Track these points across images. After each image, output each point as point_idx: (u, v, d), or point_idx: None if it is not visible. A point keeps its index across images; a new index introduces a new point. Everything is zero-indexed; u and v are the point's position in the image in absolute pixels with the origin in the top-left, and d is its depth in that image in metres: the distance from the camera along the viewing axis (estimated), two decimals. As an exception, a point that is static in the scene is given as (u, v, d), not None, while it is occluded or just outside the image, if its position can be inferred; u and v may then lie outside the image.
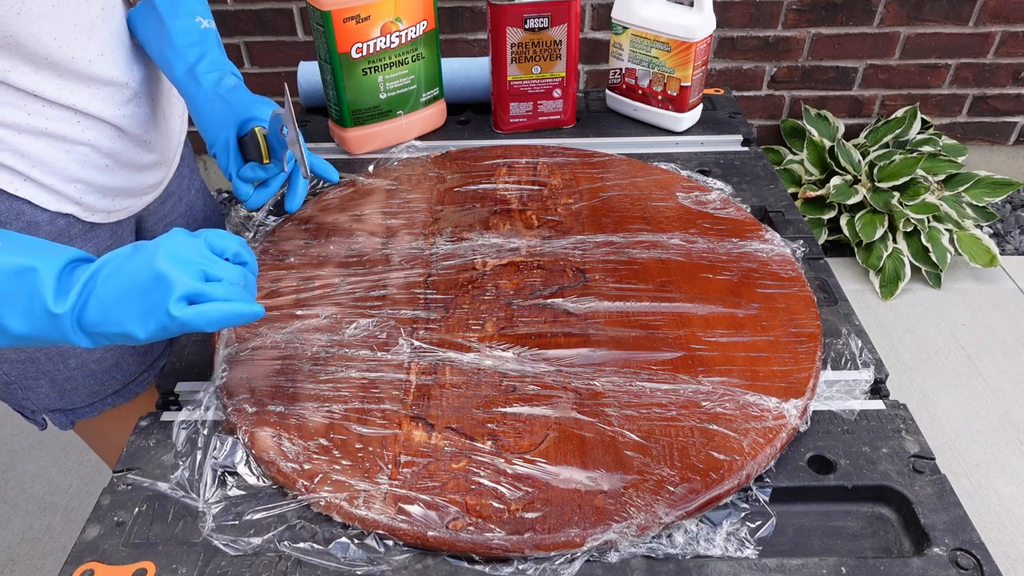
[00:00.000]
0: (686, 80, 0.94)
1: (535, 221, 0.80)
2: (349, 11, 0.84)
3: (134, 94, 0.70)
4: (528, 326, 0.66)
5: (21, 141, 0.62)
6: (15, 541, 1.37)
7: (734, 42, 1.94)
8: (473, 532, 0.50)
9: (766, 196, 0.86)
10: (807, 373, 0.61)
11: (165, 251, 0.50)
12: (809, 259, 0.75)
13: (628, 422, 0.57)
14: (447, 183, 0.86)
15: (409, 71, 0.92)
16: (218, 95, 0.68)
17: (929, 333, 1.74)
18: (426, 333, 0.65)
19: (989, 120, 2.08)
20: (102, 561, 0.50)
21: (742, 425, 0.56)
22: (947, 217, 1.83)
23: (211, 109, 0.68)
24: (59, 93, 0.63)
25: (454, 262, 0.74)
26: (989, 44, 1.95)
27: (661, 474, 0.53)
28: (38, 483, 1.47)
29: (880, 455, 0.56)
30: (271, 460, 0.55)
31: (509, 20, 0.91)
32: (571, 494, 0.52)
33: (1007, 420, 1.54)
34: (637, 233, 0.77)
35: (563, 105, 0.99)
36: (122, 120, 0.69)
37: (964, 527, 0.51)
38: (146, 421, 0.60)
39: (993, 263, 1.80)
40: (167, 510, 0.53)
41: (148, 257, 0.50)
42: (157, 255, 0.50)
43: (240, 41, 1.97)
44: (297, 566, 0.50)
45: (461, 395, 0.60)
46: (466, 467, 0.54)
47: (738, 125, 1.00)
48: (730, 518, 0.52)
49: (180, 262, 0.50)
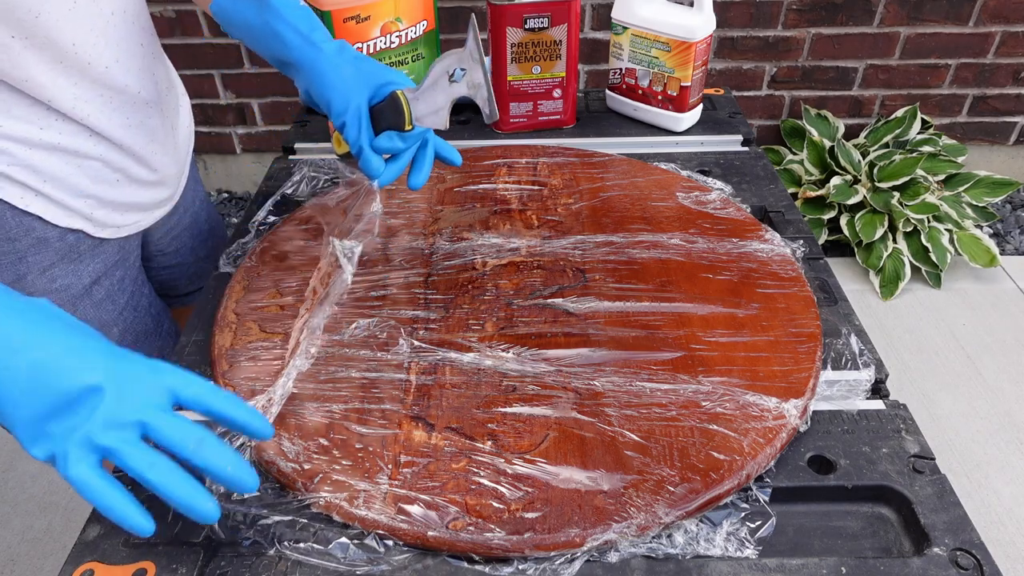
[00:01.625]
0: (686, 80, 0.94)
1: (535, 221, 0.80)
2: (349, 11, 0.84)
3: (145, 103, 0.69)
4: (528, 326, 0.66)
5: (33, 156, 0.62)
6: (15, 541, 1.37)
7: (734, 42, 1.94)
8: (473, 532, 0.50)
9: (766, 196, 0.86)
10: (807, 373, 0.61)
11: (111, 385, 0.41)
12: (809, 259, 0.75)
13: (628, 422, 0.57)
14: (447, 183, 0.86)
15: (409, 71, 0.92)
16: (345, 60, 0.63)
17: (929, 333, 1.74)
18: (426, 333, 0.65)
19: (989, 120, 2.08)
20: (102, 561, 0.50)
21: (742, 425, 0.56)
22: (947, 217, 1.83)
23: (338, 74, 0.62)
24: (74, 103, 0.62)
25: (454, 262, 0.74)
26: (989, 44, 1.95)
27: (661, 474, 0.53)
28: (38, 483, 1.47)
29: (880, 455, 0.56)
30: (271, 460, 0.55)
31: (509, 20, 0.91)
32: (571, 494, 0.52)
33: (1007, 420, 1.54)
34: (637, 233, 0.77)
35: (563, 105, 0.99)
36: (133, 132, 0.68)
37: (964, 527, 0.51)
38: (146, 421, 0.60)
39: (993, 263, 1.80)
40: (167, 510, 0.53)
41: (83, 371, 0.42)
42: (94, 374, 0.41)
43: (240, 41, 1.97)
44: (297, 566, 0.50)
45: (461, 395, 0.60)
46: (466, 467, 0.54)
47: (738, 125, 1.00)
48: (730, 518, 0.52)
49: (116, 409, 0.41)
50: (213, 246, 0.91)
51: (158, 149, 0.73)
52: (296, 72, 0.65)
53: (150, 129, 0.71)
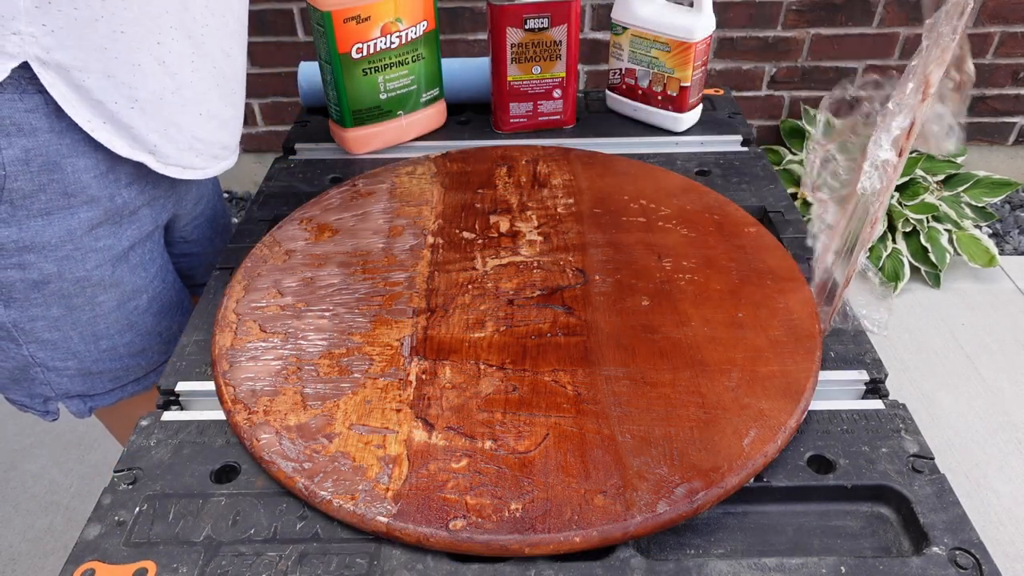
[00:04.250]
0: (686, 80, 0.94)
1: (535, 221, 0.80)
2: (349, 11, 0.84)
3: (234, 37, 0.73)
4: (528, 326, 0.66)
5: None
6: (16, 540, 1.37)
7: (734, 42, 1.95)
8: (473, 532, 0.50)
9: (766, 196, 0.86)
10: (807, 373, 0.61)
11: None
12: (809, 259, 0.75)
13: (628, 422, 0.57)
14: (447, 183, 0.87)
15: (409, 71, 0.92)
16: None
17: (928, 333, 1.74)
18: (426, 333, 0.66)
19: (988, 120, 2.09)
20: (103, 560, 0.50)
21: (742, 425, 0.56)
22: (946, 217, 1.83)
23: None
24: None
25: (454, 262, 0.74)
26: (988, 44, 1.95)
27: (661, 474, 0.53)
28: (39, 483, 1.48)
29: (879, 455, 0.56)
30: (271, 460, 0.55)
31: (509, 20, 0.91)
32: (571, 494, 0.52)
33: (1007, 420, 1.54)
34: (637, 233, 0.77)
35: (563, 105, 0.99)
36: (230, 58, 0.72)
37: (963, 526, 0.51)
38: (146, 421, 0.61)
39: (992, 263, 1.80)
40: (168, 510, 0.54)
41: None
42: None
43: (240, 41, 1.97)
44: (297, 566, 0.50)
45: (461, 395, 0.60)
46: (466, 467, 0.54)
47: (738, 125, 1.00)
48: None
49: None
50: (226, 239, 0.94)
51: (235, 84, 0.76)
52: None
53: (237, 61, 0.74)
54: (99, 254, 0.71)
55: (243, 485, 0.55)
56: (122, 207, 0.71)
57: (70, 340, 0.73)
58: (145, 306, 0.77)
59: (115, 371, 0.78)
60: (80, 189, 0.66)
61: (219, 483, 0.55)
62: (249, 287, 0.71)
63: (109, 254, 0.72)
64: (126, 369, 0.78)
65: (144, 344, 0.79)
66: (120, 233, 0.72)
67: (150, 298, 0.78)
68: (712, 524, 0.54)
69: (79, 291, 0.71)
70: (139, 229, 0.74)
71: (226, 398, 0.60)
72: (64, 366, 0.75)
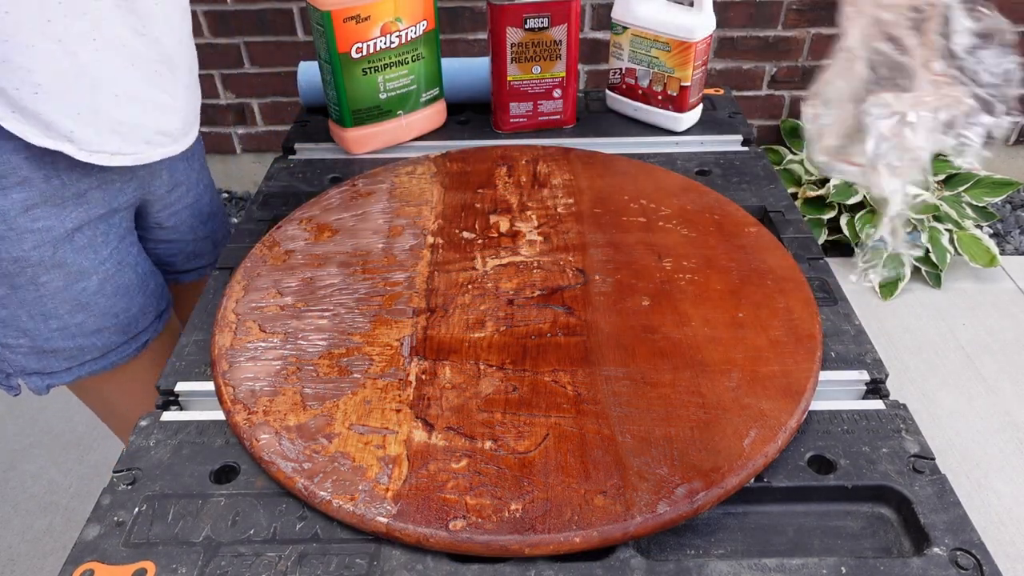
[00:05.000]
0: (686, 80, 0.94)
1: (535, 221, 0.80)
2: (349, 11, 0.84)
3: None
4: (528, 326, 0.66)
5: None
6: (15, 541, 1.37)
7: (734, 42, 1.95)
8: (473, 532, 0.50)
9: (766, 196, 0.86)
10: (807, 373, 0.61)
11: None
12: (809, 259, 0.75)
13: (628, 422, 0.57)
14: (447, 183, 0.87)
15: (409, 71, 0.92)
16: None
17: (929, 333, 1.74)
18: (426, 333, 0.65)
19: (989, 120, 2.08)
20: (102, 561, 0.50)
21: (742, 425, 0.56)
22: (947, 217, 1.83)
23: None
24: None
25: (454, 262, 0.74)
26: (989, 44, 1.95)
27: (661, 474, 0.53)
28: (39, 483, 1.48)
29: (880, 455, 0.56)
30: (270, 460, 0.55)
31: (509, 20, 0.91)
32: (571, 494, 0.52)
33: (1007, 420, 1.54)
34: (637, 233, 0.77)
35: (563, 105, 0.99)
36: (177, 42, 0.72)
37: (964, 527, 0.51)
38: (146, 421, 0.60)
39: (993, 263, 1.80)
40: (167, 510, 0.53)
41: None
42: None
43: (240, 41, 1.97)
44: (297, 566, 0.50)
45: (461, 395, 0.60)
46: (466, 467, 0.54)
47: (738, 125, 1.00)
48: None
49: None
50: (213, 228, 0.94)
51: (169, 71, 0.74)
52: None
53: (173, 40, 0.73)
54: (36, 235, 0.70)
55: (243, 485, 0.55)
56: (61, 189, 0.70)
57: (18, 318, 0.74)
58: (96, 287, 0.77)
59: (69, 350, 0.78)
60: (10, 171, 0.66)
61: (218, 483, 0.55)
62: (249, 287, 0.71)
63: (49, 235, 0.71)
64: (80, 349, 0.78)
65: (98, 324, 0.78)
66: (62, 215, 0.71)
67: (101, 280, 0.77)
68: (712, 524, 0.54)
69: (19, 271, 0.71)
70: (87, 211, 0.73)
71: (225, 398, 0.60)
72: (17, 343, 0.76)
